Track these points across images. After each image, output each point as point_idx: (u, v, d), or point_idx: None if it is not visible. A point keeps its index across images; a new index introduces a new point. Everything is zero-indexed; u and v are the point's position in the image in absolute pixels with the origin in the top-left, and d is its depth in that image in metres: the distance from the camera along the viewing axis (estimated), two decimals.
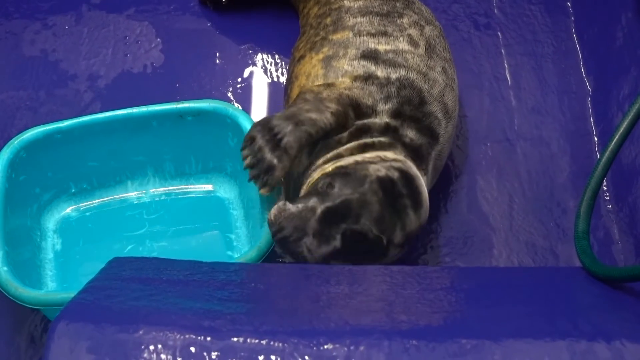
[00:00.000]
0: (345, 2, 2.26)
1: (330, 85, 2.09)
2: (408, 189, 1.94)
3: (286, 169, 1.96)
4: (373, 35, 2.17)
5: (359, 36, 2.17)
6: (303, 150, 2.00)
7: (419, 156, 2.05)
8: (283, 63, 2.56)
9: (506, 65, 2.57)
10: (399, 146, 2.03)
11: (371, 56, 2.12)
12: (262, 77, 2.54)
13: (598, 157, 2.34)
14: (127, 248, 2.21)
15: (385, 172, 1.94)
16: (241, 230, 2.23)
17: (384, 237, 1.89)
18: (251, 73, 2.55)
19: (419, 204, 1.96)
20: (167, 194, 2.30)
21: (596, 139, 2.42)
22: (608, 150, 1.83)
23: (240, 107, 2.38)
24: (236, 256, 2.17)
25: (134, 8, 2.66)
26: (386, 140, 2.02)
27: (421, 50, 2.16)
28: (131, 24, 2.63)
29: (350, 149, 2.02)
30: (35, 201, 2.19)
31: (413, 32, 2.19)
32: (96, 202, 2.28)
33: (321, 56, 2.17)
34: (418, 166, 2.03)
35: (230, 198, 2.27)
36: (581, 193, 1.84)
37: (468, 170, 2.39)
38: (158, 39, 2.61)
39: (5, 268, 1.93)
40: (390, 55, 2.12)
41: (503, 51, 2.59)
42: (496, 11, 2.66)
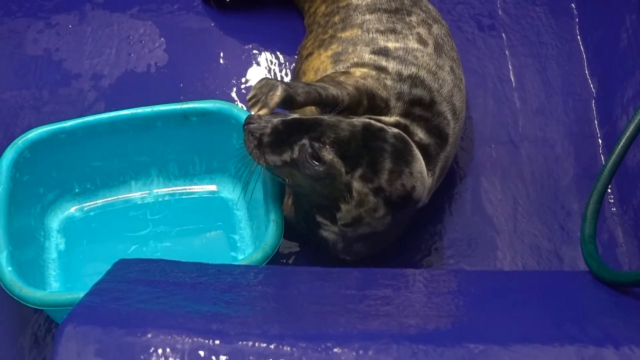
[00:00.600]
0: (353, 0, 2.25)
1: (345, 72, 2.08)
2: (397, 141, 1.89)
3: (288, 95, 1.90)
4: (382, 32, 2.16)
5: (368, 33, 2.16)
6: (309, 104, 1.96)
7: (427, 156, 2.04)
8: (287, 63, 2.55)
9: (510, 66, 2.56)
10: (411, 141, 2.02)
11: (381, 52, 2.12)
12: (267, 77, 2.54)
13: (602, 159, 2.37)
14: (131, 248, 2.21)
15: (380, 124, 1.91)
16: (245, 231, 2.23)
17: (344, 165, 1.84)
18: (255, 73, 2.54)
19: (404, 160, 1.88)
20: (171, 195, 2.29)
21: (600, 141, 2.42)
22: (614, 154, 1.82)
23: (244, 108, 2.38)
24: (240, 257, 2.17)
25: (138, 7, 2.65)
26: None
27: (430, 49, 2.16)
28: (135, 24, 2.63)
29: None
30: (39, 201, 2.19)
31: (421, 31, 2.19)
32: (100, 202, 2.27)
33: (330, 52, 2.17)
34: (425, 166, 2.02)
35: (234, 199, 2.27)
36: (585, 195, 1.85)
37: (472, 171, 2.38)
38: (162, 39, 2.60)
39: (9, 268, 1.93)
40: (400, 52, 2.12)
41: (507, 52, 2.59)
42: (500, 12, 2.66)
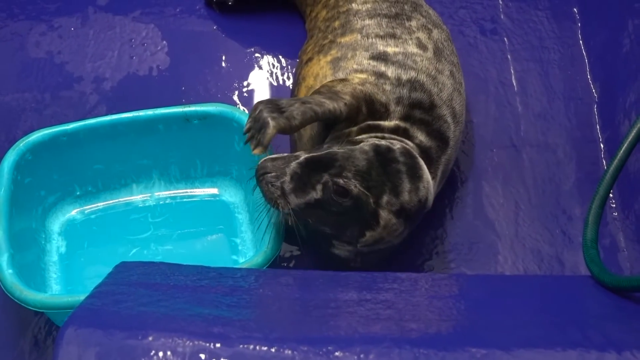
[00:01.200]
0: (353, 5, 2.26)
1: (343, 80, 2.08)
2: (406, 158, 1.90)
3: (280, 128, 1.89)
4: (381, 37, 2.16)
5: (368, 38, 2.17)
6: (306, 124, 1.96)
7: (428, 158, 2.04)
8: (289, 66, 2.55)
9: (512, 71, 2.56)
10: (411, 144, 2.01)
11: (380, 58, 2.12)
12: (268, 81, 2.54)
13: (604, 164, 2.37)
14: (132, 251, 2.21)
15: (385, 143, 1.91)
16: (246, 234, 2.22)
17: (371, 195, 1.85)
18: (257, 76, 2.54)
19: (417, 176, 1.90)
20: (172, 198, 2.29)
21: (602, 146, 2.42)
22: (616, 158, 1.82)
23: (246, 111, 2.38)
24: (241, 260, 2.17)
25: (140, 10, 2.65)
26: (398, 138, 2.00)
27: (430, 53, 2.16)
28: (137, 27, 2.63)
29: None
30: (40, 203, 2.19)
31: (421, 35, 2.19)
32: (101, 205, 2.27)
33: (329, 58, 2.17)
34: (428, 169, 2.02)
35: (235, 202, 2.27)
36: (587, 200, 1.85)
37: (474, 176, 2.38)
38: (164, 42, 2.60)
39: (10, 271, 1.93)
40: (399, 57, 2.12)
41: (509, 57, 2.59)
42: (502, 17, 2.66)
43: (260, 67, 2.56)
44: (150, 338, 1.33)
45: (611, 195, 2.30)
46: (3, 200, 2.02)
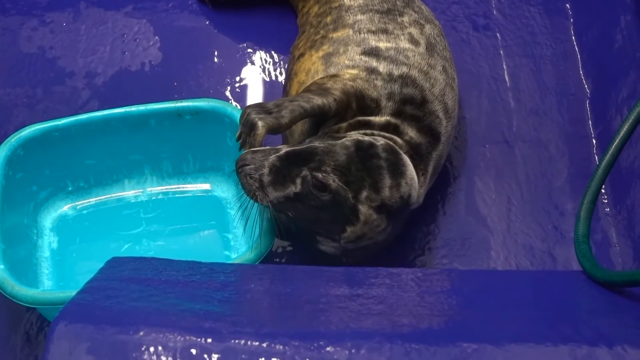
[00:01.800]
0: (345, 1, 2.25)
1: (334, 76, 2.08)
2: (388, 154, 1.90)
3: (269, 127, 1.90)
4: (373, 32, 2.16)
5: (360, 33, 2.16)
6: (296, 122, 1.97)
7: (418, 154, 2.04)
8: (282, 62, 2.55)
9: (505, 66, 2.56)
10: (400, 142, 2.02)
11: (372, 53, 2.12)
12: (261, 76, 2.54)
13: (596, 160, 2.37)
14: (124, 247, 2.21)
15: (368, 138, 1.91)
16: (238, 230, 2.22)
17: (349, 190, 1.86)
18: (249, 72, 2.54)
19: (399, 172, 1.90)
20: (165, 193, 2.29)
21: (594, 142, 2.42)
22: (608, 154, 1.83)
23: (238, 106, 2.37)
24: (233, 256, 2.17)
25: (132, 5, 2.65)
26: (387, 135, 2.01)
27: (422, 48, 2.16)
28: (129, 22, 2.62)
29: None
30: (32, 199, 2.18)
31: (413, 31, 2.19)
32: (93, 201, 2.27)
33: (321, 53, 2.17)
34: (416, 165, 2.02)
35: (227, 197, 2.27)
36: (579, 195, 1.85)
37: (466, 171, 2.38)
38: (156, 37, 2.60)
39: (1, 266, 1.92)
40: (391, 52, 2.12)
41: (502, 52, 2.59)
42: (495, 12, 2.66)
43: (252, 63, 2.56)
44: (141, 333, 1.33)
45: (603, 190, 2.31)
46: None
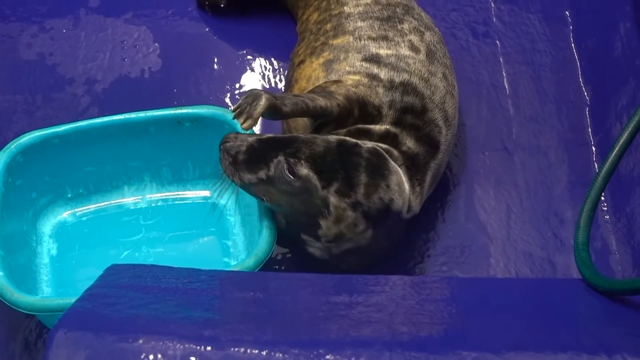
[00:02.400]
0: (345, 8, 2.26)
1: (337, 81, 2.09)
2: (371, 156, 1.89)
3: (272, 104, 1.90)
4: (374, 39, 2.16)
5: (360, 40, 2.17)
6: (297, 114, 1.98)
7: (415, 165, 2.04)
8: (281, 69, 2.55)
9: (504, 74, 2.56)
10: (396, 153, 2.02)
11: (373, 60, 2.12)
12: (260, 83, 2.54)
13: (596, 167, 2.37)
14: (124, 254, 2.20)
15: (354, 140, 1.92)
16: (238, 237, 2.22)
17: (320, 179, 1.85)
18: (249, 78, 2.54)
19: (379, 174, 1.88)
20: (164, 200, 2.29)
21: (594, 149, 2.42)
22: (608, 161, 1.82)
23: None
24: (233, 263, 2.17)
25: (132, 12, 2.65)
26: (384, 146, 2.01)
27: (422, 55, 2.16)
28: (129, 28, 2.62)
29: None
30: (31, 206, 2.18)
31: (413, 38, 2.19)
32: (92, 208, 2.27)
33: (322, 60, 2.17)
34: (412, 176, 2.02)
35: (227, 204, 2.26)
36: (579, 203, 1.85)
37: (466, 179, 2.38)
38: (156, 44, 2.60)
39: (1, 273, 1.92)
40: (392, 59, 2.12)
41: (501, 60, 2.59)
42: (495, 20, 2.66)
43: (252, 70, 2.56)
44: (140, 341, 1.33)
45: (603, 198, 2.31)
46: None
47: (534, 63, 2.58)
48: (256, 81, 2.54)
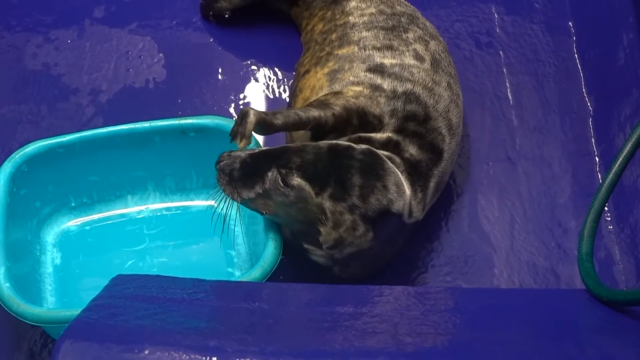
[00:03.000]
0: (350, 18, 2.26)
1: (337, 93, 2.09)
2: (365, 157, 1.89)
3: (261, 119, 1.94)
4: (378, 49, 2.17)
5: (365, 50, 2.17)
6: (290, 127, 1.99)
7: (417, 172, 2.04)
8: (286, 79, 2.56)
9: (508, 84, 2.57)
10: (398, 160, 2.02)
11: (377, 70, 2.13)
12: (265, 93, 2.54)
13: (599, 178, 2.37)
14: (127, 263, 2.21)
15: (346, 143, 1.92)
16: (242, 247, 2.22)
17: (312, 186, 1.86)
18: (253, 89, 2.55)
19: (374, 175, 1.88)
20: (168, 209, 2.29)
21: (597, 159, 2.42)
22: (611, 172, 1.82)
23: None
24: (237, 273, 2.17)
25: (137, 23, 2.66)
26: (386, 153, 2.01)
27: (427, 65, 2.17)
28: (134, 39, 2.63)
29: None
30: (35, 215, 2.18)
31: (418, 47, 2.20)
32: (96, 217, 2.27)
33: (326, 70, 2.18)
34: (414, 182, 2.02)
35: (230, 214, 2.26)
36: (582, 213, 1.85)
37: (469, 189, 2.38)
38: (160, 54, 2.61)
39: (7, 284, 1.92)
40: (396, 69, 2.13)
41: (505, 70, 2.59)
42: (498, 30, 2.67)
43: (256, 80, 2.57)
44: (146, 352, 1.33)
45: (606, 208, 2.31)
46: (0, 212, 2.02)
47: (538, 73, 2.59)
48: (260, 91, 2.54)
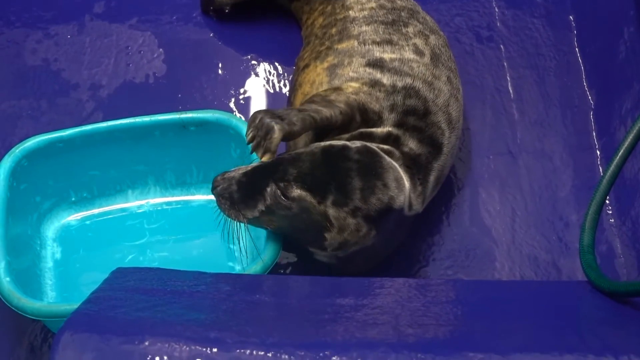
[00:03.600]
0: (350, 13, 2.26)
1: (337, 89, 2.08)
2: (361, 156, 1.87)
3: (285, 132, 1.87)
4: (378, 43, 2.17)
5: (364, 45, 2.17)
6: (306, 131, 1.95)
7: (417, 165, 2.03)
8: (286, 74, 2.56)
9: (509, 78, 2.57)
10: (398, 154, 2.01)
11: (377, 64, 2.12)
12: (265, 88, 2.54)
13: (600, 171, 2.37)
14: (128, 257, 2.20)
15: (342, 142, 1.90)
16: (242, 241, 2.21)
17: (314, 196, 1.84)
18: (254, 83, 2.55)
19: (373, 174, 1.86)
20: (168, 204, 2.29)
21: (598, 153, 2.42)
22: (612, 165, 1.82)
23: (242, 118, 2.38)
24: (238, 268, 2.16)
25: (137, 18, 2.65)
26: (385, 147, 2.01)
27: (426, 59, 2.16)
28: (134, 34, 2.63)
29: None
30: (35, 209, 2.18)
31: (418, 41, 2.19)
32: (96, 211, 2.27)
33: (326, 65, 2.17)
34: (414, 175, 2.01)
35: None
36: (584, 206, 1.85)
37: (470, 182, 2.38)
38: (160, 49, 2.60)
39: (7, 279, 1.92)
40: (395, 63, 2.12)
41: (505, 64, 2.59)
42: (499, 24, 2.66)
43: (256, 74, 2.57)
44: (146, 343, 1.33)
45: (607, 201, 2.31)
46: (0, 207, 2.02)
47: (538, 67, 2.59)
48: (260, 86, 2.54)
